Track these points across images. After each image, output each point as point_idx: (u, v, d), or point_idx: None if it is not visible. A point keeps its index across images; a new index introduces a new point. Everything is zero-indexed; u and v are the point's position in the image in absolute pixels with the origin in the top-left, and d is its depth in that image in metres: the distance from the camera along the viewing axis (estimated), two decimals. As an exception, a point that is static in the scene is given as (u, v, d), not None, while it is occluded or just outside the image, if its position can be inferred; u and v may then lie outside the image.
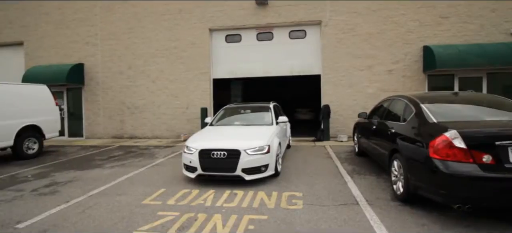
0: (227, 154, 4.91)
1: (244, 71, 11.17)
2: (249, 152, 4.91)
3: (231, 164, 4.89)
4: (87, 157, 8.20)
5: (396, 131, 4.45)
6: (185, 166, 5.30)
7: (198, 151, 5.06)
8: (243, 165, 4.87)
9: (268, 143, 5.14)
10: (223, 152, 4.93)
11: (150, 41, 11.45)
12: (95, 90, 12.00)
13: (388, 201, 4.19)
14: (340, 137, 9.80)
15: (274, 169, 5.27)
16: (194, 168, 5.10)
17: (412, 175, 3.78)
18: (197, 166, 5.03)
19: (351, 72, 10.21)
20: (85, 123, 12.22)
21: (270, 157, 5.10)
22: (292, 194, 4.57)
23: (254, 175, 4.97)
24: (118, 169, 6.65)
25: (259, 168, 4.99)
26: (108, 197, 4.67)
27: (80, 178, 5.90)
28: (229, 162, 4.90)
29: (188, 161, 5.17)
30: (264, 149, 5.03)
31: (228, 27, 10.98)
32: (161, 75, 11.45)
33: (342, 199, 4.33)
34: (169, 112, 11.48)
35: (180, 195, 4.66)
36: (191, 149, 5.18)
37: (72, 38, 12.09)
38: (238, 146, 4.95)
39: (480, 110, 4.10)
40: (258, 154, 4.96)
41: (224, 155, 4.92)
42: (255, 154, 4.94)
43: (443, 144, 3.33)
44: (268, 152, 5.06)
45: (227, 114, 7.18)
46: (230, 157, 4.89)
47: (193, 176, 5.13)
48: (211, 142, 5.24)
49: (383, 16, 9.97)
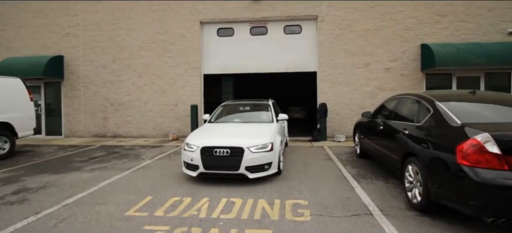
0: (231, 152, 4.77)
1: (236, 67, 10.62)
2: (252, 150, 4.78)
3: (234, 162, 4.75)
4: (64, 159, 7.48)
5: (411, 133, 4.04)
6: (186, 164, 5.09)
7: (199, 148, 4.88)
8: (247, 163, 4.75)
9: (271, 140, 5.02)
10: (226, 149, 4.78)
11: (136, 33, 10.72)
12: (76, 84, 11.16)
13: (403, 211, 3.79)
14: (338, 137, 9.43)
15: (277, 167, 5.14)
16: (195, 166, 4.90)
17: (434, 183, 3.38)
18: (199, 164, 4.84)
19: (348, 70, 9.85)
20: (64, 121, 11.37)
21: (273, 155, 4.98)
22: (296, 203, 4.10)
23: (258, 173, 4.83)
24: (99, 172, 6.00)
25: (263, 166, 4.87)
26: (86, 207, 4.06)
27: (55, 184, 5.24)
28: (233, 160, 4.76)
29: (189, 159, 4.96)
30: (268, 147, 4.91)
31: (220, 20, 10.39)
32: (148, 69, 10.75)
33: (353, 208, 3.90)
34: (156, 109, 10.80)
35: (169, 205, 4.11)
36: (192, 146, 4.99)
37: (51, 28, 11.18)
38: (242, 144, 4.82)
39: (507, 110, 3.73)
40: (262, 152, 4.84)
41: (227, 153, 4.77)
42: (259, 152, 4.82)
43: (473, 149, 2.94)
44: (271, 150, 4.93)
45: (226, 111, 7.03)
46: (234, 155, 4.76)
47: (195, 175, 4.93)
48: (213, 139, 5.10)
49: (380, 12, 9.65)
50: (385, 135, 5.06)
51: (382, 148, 5.19)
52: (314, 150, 8.08)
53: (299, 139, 9.89)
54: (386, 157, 4.98)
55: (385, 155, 5.00)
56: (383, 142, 5.13)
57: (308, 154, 7.50)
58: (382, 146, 5.17)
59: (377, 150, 5.48)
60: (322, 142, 9.30)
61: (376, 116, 5.84)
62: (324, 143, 9.10)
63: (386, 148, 4.95)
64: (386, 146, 4.96)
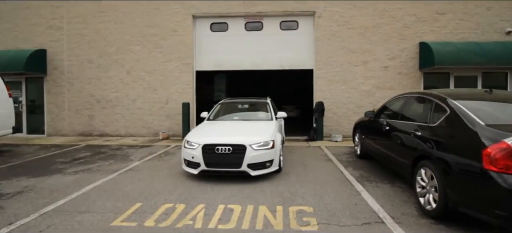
0: (233, 149, 4.74)
1: (230, 64, 10.22)
2: (254, 148, 4.78)
3: (236, 160, 4.73)
4: (46, 160, 6.94)
5: (424, 134, 3.76)
6: (186, 161, 5.06)
7: (201, 146, 4.84)
8: (249, 160, 4.73)
9: (272, 138, 5.04)
10: (228, 147, 4.75)
11: (124, 26, 10.17)
12: (60, 80, 10.53)
13: (417, 218, 3.50)
14: (335, 136, 9.17)
15: (278, 164, 5.15)
16: (196, 163, 4.86)
17: (453, 189, 3.10)
18: (200, 162, 4.81)
19: (346, 68, 9.59)
20: (47, 118, 10.73)
21: (274, 153, 4.99)
22: (300, 209, 3.77)
23: (260, 171, 4.83)
24: (83, 175, 5.53)
25: (264, 163, 4.87)
26: (67, 216, 3.62)
27: (33, 188, 4.75)
28: (235, 158, 4.73)
29: (190, 156, 4.93)
30: (269, 145, 4.91)
31: (213, 14, 9.97)
32: (137, 65, 10.23)
33: (362, 215, 3.59)
34: (146, 107, 10.30)
35: (161, 212, 3.72)
36: (193, 144, 4.96)
37: (33, 20, 10.50)
38: (244, 141, 4.80)
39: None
40: (263, 149, 4.84)
41: (229, 150, 4.75)
42: (261, 149, 4.82)
43: (503, 153, 2.66)
44: (272, 148, 4.95)
45: (225, 109, 7.00)
46: (236, 153, 4.74)
47: (196, 172, 4.91)
48: (215, 137, 5.07)
49: (379, 9, 9.42)
50: (392, 136, 4.78)
51: (387, 149, 4.91)
52: (312, 150, 7.78)
53: (295, 138, 9.59)
54: (392, 159, 4.70)
55: (391, 158, 4.72)
56: (389, 144, 4.85)
57: (306, 155, 7.20)
58: (388, 147, 4.89)
59: (381, 151, 5.21)
60: (319, 142, 9.02)
61: (380, 115, 5.57)
62: (321, 143, 8.82)
63: (393, 150, 4.68)
64: (393, 148, 4.68)
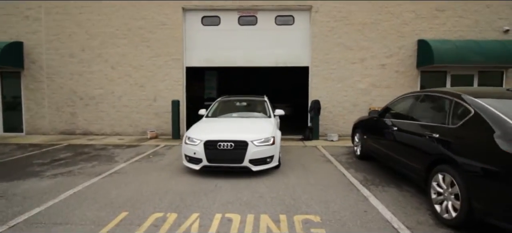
0: (235, 145, 4.85)
1: (222, 60, 9.75)
2: (256, 144, 4.91)
3: (238, 155, 4.85)
4: (22, 161, 6.33)
5: (441, 137, 3.44)
6: (188, 157, 5.13)
7: (203, 142, 4.93)
8: (251, 156, 4.86)
9: (272, 134, 5.18)
10: (230, 143, 4.86)
11: (108, 18, 9.53)
12: (38, 75, 9.80)
13: (434, 228, 3.20)
14: (330, 136, 8.87)
15: (277, 160, 5.30)
16: (198, 159, 4.95)
17: (480, 199, 2.80)
18: (202, 158, 4.91)
19: (343, 65, 9.30)
20: (25, 116, 9.99)
21: (275, 149, 5.13)
22: (307, 219, 3.41)
23: (261, 166, 4.97)
24: (62, 179, 4.99)
25: (265, 159, 5.01)
26: (41, 229, 3.13)
27: (5, 194, 4.21)
28: (237, 153, 4.85)
29: (191, 152, 5.00)
30: (270, 141, 5.04)
31: (205, 7, 9.46)
32: (123, 60, 9.62)
33: (375, 226, 3.26)
34: (132, 105, 9.72)
35: (150, 224, 3.28)
36: (194, 140, 5.05)
37: (8, 10, 9.70)
38: (246, 138, 4.92)
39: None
40: (265, 145, 4.97)
41: (231, 146, 4.85)
42: (262, 145, 4.94)
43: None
44: (273, 144, 5.08)
45: (223, 107, 7.07)
46: (238, 148, 4.85)
47: (197, 168, 4.99)
48: (216, 133, 5.14)
49: (378, 5, 9.15)
50: (400, 137, 4.47)
51: (394, 152, 4.60)
52: (309, 151, 7.44)
53: (289, 137, 9.23)
54: (400, 162, 4.39)
55: (399, 160, 4.41)
56: (397, 145, 4.54)
57: (303, 155, 6.85)
58: (395, 149, 4.58)
59: (386, 153, 4.90)
60: (314, 141, 8.70)
61: (385, 115, 5.27)
62: (317, 143, 8.50)
63: (401, 153, 4.37)
64: (402, 150, 4.37)
